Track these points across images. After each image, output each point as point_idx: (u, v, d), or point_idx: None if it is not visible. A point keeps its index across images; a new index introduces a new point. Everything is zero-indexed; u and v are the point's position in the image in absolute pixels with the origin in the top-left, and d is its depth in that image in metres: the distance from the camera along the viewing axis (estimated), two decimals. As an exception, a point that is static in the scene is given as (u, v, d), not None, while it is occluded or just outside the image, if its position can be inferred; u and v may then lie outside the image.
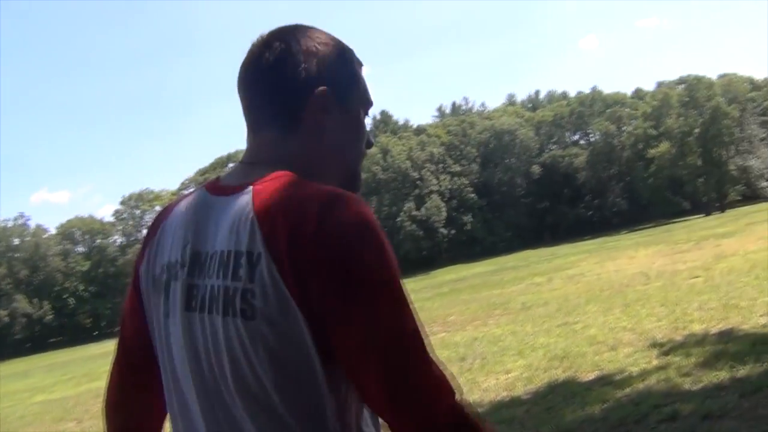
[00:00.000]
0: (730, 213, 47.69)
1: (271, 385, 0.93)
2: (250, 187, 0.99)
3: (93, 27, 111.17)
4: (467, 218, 69.21)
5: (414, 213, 66.42)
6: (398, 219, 65.40)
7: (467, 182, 70.46)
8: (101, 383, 1.35)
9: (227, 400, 0.97)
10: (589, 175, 69.58)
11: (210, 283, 0.98)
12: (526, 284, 18.78)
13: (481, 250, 64.53)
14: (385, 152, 69.40)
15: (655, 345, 6.51)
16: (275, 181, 0.99)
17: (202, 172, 72.45)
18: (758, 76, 77.17)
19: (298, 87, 1.06)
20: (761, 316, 6.82)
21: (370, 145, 1.18)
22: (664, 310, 8.59)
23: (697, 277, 11.50)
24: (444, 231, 67.46)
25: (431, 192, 68.31)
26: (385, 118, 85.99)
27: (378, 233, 0.94)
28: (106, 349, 34.84)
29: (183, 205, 1.10)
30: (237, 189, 1.01)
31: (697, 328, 6.99)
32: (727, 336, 6.22)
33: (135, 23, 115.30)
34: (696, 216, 55.10)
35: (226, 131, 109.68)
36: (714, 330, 6.70)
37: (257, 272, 0.92)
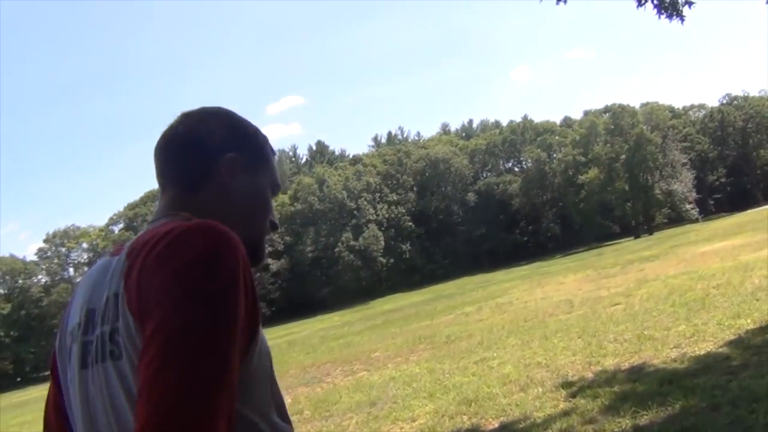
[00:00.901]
0: (658, 235, 49.19)
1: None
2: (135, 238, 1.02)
3: (19, 63, 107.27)
4: (406, 247, 69.16)
5: (352, 243, 65.88)
6: (336, 249, 64.74)
7: (404, 211, 70.57)
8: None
9: None
10: (524, 201, 70.85)
11: (97, 334, 0.98)
12: (456, 314, 18.50)
13: (421, 278, 64.46)
14: (321, 183, 68.92)
15: (565, 384, 6.17)
16: (157, 223, 1.02)
17: (132, 206, 70.07)
18: (677, 104, 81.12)
19: (207, 150, 1.10)
20: (672, 348, 6.60)
21: (275, 226, 1.18)
22: (580, 343, 8.33)
23: (617, 304, 11.39)
24: (383, 260, 67.13)
25: (369, 221, 68.05)
26: (321, 149, 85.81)
27: (225, 276, 0.89)
28: (30, 396, 32.93)
29: (86, 275, 1.12)
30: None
31: (610, 362, 6.72)
32: (637, 373, 5.94)
33: (63, 56, 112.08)
34: (626, 239, 56.74)
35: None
36: (625, 365, 6.42)
37: (120, 311, 0.93)
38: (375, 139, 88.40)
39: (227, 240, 0.92)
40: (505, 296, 20.77)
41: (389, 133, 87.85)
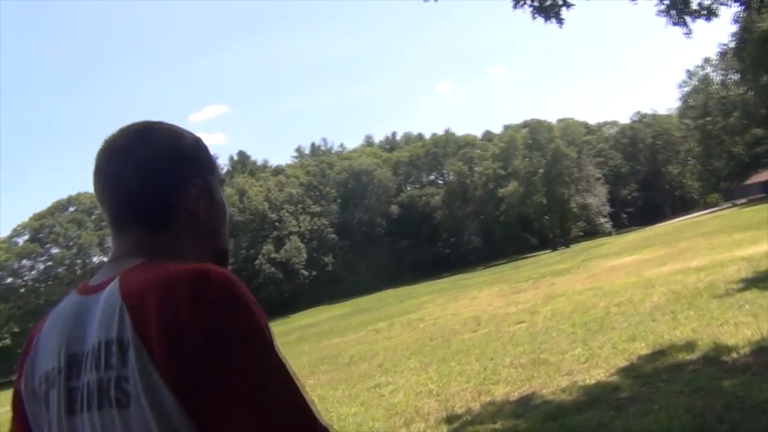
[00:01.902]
0: (574, 248, 50.48)
1: None
2: (118, 278, 0.99)
3: None
4: (328, 259, 68.32)
5: (273, 255, 64.50)
6: (257, 262, 63.22)
7: (327, 223, 69.78)
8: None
9: None
10: (446, 213, 71.40)
11: (86, 380, 0.96)
12: (367, 331, 18.00)
13: (344, 290, 63.67)
14: (242, 194, 67.31)
15: (450, 418, 5.70)
16: (142, 267, 0.99)
17: (38, 216, 66.08)
18: (591, 120, 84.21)
19: (168, 185, 1.07)
20: (564, 375, 6.25)
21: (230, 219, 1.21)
22: (477, 367, 7.93)
23: (522, 322, 11.14)
24: (305, 272, 66.05)
25: (291, 233, 66.88)
26: (242, 159, 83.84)
27: (249, 308, 0.93)
28: None
29: (55, 313, 1.07)
30: (106, 284, 1.00)
31: (500, 392, 6.30)
32: (523, 405, 5.53)
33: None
34: (544, 251, 57.94)
35: (65, 175, 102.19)
36: (515, 395, 6.02)
37: (128, 358, 0.91)
38: (298, 150, 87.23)
39: (243, 286, 0.94)
40: (419, 311, 20.45)
41: (313, 145, 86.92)
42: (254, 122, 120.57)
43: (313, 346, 18.26)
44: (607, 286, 13.47)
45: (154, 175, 1.07)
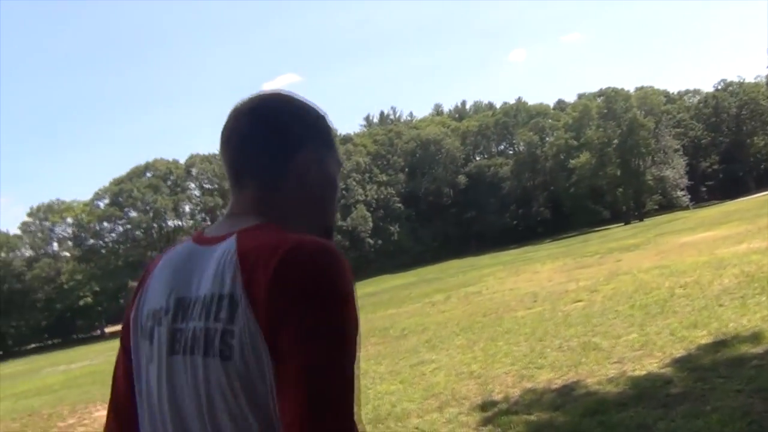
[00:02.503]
0: (647, 222, 48.51)
1: (247, 424, 0.96)
2: (235, 234, 1.05)
3: (6, 35, 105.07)
4: (394, 228, 68.28)
5: (340, 223, 64.94)
6: (324, 229, 63.84)
7: (394, 192, 69.59)
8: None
9: None
10: (515, 184, 69.84)
11: (192, 326, 1.02)
12: (423, 303, 17.76)
13: (409, 259, 63.70)
14: (309, 162, 67.83)
15: (486, 405, 5.38)
16: (259, 229, 1.04)
17: (118, 181, 68.71)
18: (672, 89, 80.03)
19: (285, 147, 1.12)
20: (614, 363, 5.80)
21: (339, 200, 1.25)
22: (524, 348, 7.55)
23: (579, 301, 10.62)
24: (371, 241, 66.34)
25: (357, 202, 67.12)
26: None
27: (334, 285, 0.95)
28: (13, 369, 32.08)
29: (170, 255, 1.15)
30: (222, 238, 1.06)
31: (544, 378, 5.92)
32: (565, 396, 5.14)
33: (51, 30, 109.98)
34: (616, 225, 55.91)
35: (143, 141, 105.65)
36: (558, 382, 5.63)
37: (237, 314, 0.96)
38: (367, 118, 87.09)
39: (347, 266, 0.98)
40: (478, 284, 20.02)
41: (381, 113, 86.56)
42: (326, 91, 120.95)
43: (369, 315, 18.17)
44: (675, 265, 12.69)
45: (271, 135, 1.12)
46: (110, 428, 1.21)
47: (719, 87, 76.63)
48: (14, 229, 68.75)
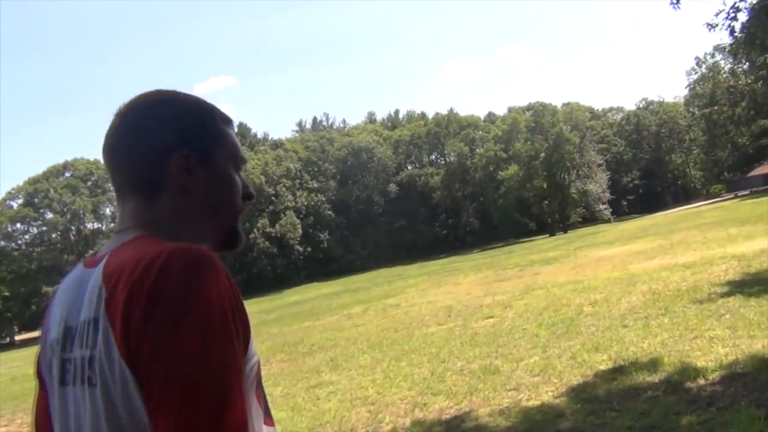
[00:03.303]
0: (571, 234, 49.63)
1: None
2: (107, 254, 0.99)
3: None
4: (324, 236, 67.52)
5: (268, 230, 63.75)
6: (251, 236, 62.31)
7: (324, 199, 68.88)
8: None
9: None
10: (445, 194, 70.47)
11: (76, 355, 0.97)
12: (341, 315, 17.29)
13: (338, 268, 63.16)
14: (238, 166, 66.31)
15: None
16: (132, 243, 0.98)
17: (33, 180, 65.24)
18: (597, 105, 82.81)
19: (155, 153, 1.04)
20: (509, 391, 5.47)
21: (250, 196, 1.13)
22: (425, 370, 7.18)
23: (491, 317, 10.39)
24: (300, 248, 65.35)
25: (287, 208, 66.05)
26: (242, 131, 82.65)
27: (204, 297, 0.87)
28: None
29: (63, 284, 1.09)
30: (102, 258, 1.01)
31: (437, 407, 5.53)
32: (454, 429, 4.76)
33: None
34: (541, 236, 57.09)
35: (61, 140, 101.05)
36: (450, 413, 5.25)
37: (98, 338, 0.91)
38: (299, 124, 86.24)
39: (212, 268, 0.90)
40: (399, 296, 19.72)
41: (314, 119, 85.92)
42: (261, 95, 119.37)
43: (284, 328, 17.57)
44: (588, 280, 12.69)
45: (143, 140, 1.04)
46: None
47: (641, 105, 79.88)
48: None
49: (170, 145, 1.04)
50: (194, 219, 1.05)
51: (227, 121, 1.14)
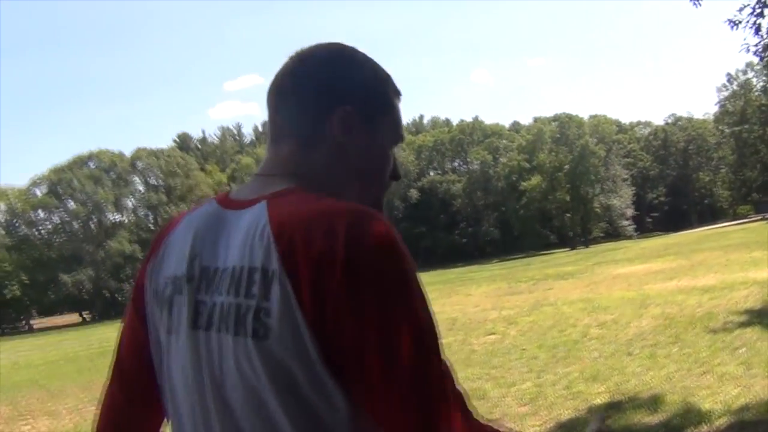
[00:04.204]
0: (592, 249, 48.71)
1: (281, 408, 0.87)
2: (265, 201, 0.95)
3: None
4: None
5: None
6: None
7: (344, 202, 68.68)
8: None
9: (230, 423, 0.91)
10: (466, 202, 69.74)
11: (219, 300, 0.94)
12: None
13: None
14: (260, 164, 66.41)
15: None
16: (292, 195, 0.96)
17: (57, 169, 65.91)
18: (624, 119, 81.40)
19: (322, 103, 1.03)
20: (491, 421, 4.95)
21: (397, 176, 1.11)
22: (412, 390, 6.68)
23: (492, 334, 9.89)
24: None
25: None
26: (267, 130, 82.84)
27: (402, 256, 0.88)
28: None
29: (191, 218, 1.05)
30: (251, 203, 0.97)
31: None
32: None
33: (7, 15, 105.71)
34: (562, 249, 56.14)
35: (87, 131, 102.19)
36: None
37: (272, 290, 0.87)
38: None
39: (394, 231, 0.89)
40: (407, 304, 19.22)
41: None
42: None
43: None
44: (600, 299, 12.12)
45: (313, 88, 1.03)
46: (114, 398, 1.13)
47: (669, 121, 78.30)
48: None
49: (338, 98, 1.02)
50: (343, 179, 1.02)
51: (398, 93, 1.10)
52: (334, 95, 1.02)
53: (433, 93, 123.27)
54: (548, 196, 61.90)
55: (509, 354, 7.78)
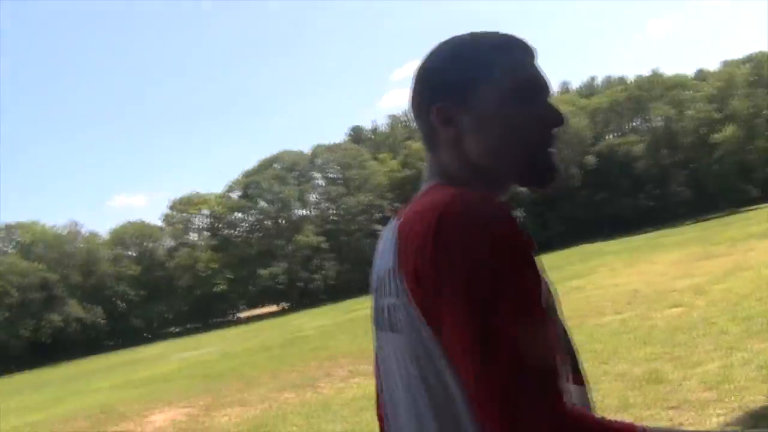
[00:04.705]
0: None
1: (422, 397, 0.93)
2: (409, 206, 1.05)
3: (140, 31, 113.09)
4: (519, 212, 65.84)
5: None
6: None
7: (518, 175, 67.15)
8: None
9: (404, 413, 0.99)
10: (650, 163, 64.91)
11: (383, 303, 1.03)
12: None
13: (537, 245, 61.21)
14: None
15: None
16: (425, 193, 1.03)
17: (248, 174, 71.96)
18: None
19: (422, 107, 1.08)
20: (669, 409, 4.37)
21: (556, 122, 1.06)
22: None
23: (677, 306, 8.94)
24: (495, 227, 64.49)
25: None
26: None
27: (494, 238, 0.86)
28: (150, 353, 34.10)
29: (382, 233, 1.13)
30: (405, 210, 1.06)
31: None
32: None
33: (184, 33, 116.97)
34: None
35: (270, 135, 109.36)
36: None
37: (398, 289, 0.95)
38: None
39: (491, 210, 0.89)
40: (587, 277, 18.18)
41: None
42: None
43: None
44: (813, 260, 10.50)
45: (415, 95, 1.09)
46: (378, 405, 1.19)
47: None
48: (157, 221, 73.80)
49: (428, 98, 1.06)
50: (478, 166, 1.02)
51: (499, 47, 1.05)
52: (426, 96, 1.06)
53: (603, 52, 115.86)
54: (746, 146, 55.60)
55: (695, 330, 6.95)
